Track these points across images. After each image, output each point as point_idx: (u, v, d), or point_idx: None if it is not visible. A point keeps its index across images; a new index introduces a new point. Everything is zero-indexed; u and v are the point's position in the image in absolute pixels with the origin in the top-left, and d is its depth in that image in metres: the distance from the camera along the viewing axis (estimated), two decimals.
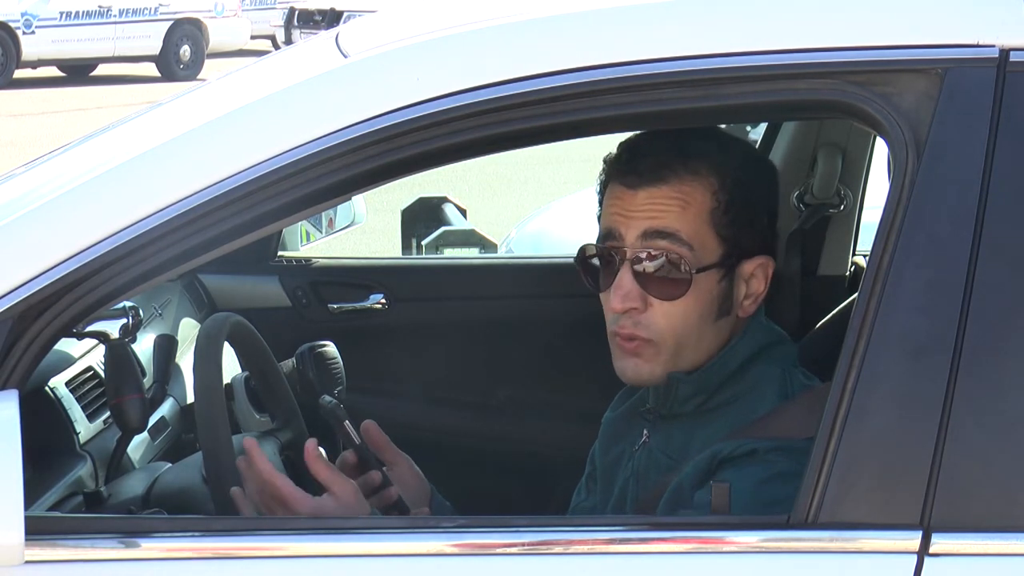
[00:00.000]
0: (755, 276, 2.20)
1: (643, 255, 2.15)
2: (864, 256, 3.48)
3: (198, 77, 19.51)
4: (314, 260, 3.96)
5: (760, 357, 2.20)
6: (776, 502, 1.98)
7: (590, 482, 2.41)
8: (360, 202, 4.35)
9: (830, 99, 1.90)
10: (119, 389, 2.62)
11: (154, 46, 20.36)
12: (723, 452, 2.08)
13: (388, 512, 2.26)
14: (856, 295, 1.99)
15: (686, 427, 2.19)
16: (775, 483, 2.02)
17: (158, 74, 20.24)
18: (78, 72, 20.05)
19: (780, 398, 2.16)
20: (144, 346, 3.05)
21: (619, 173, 2.19)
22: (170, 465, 2.70)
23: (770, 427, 2.10)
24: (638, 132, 2.24)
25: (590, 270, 2.23)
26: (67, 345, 2.85)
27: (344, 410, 2.30)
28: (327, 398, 2.33)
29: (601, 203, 2.25)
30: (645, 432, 2.27)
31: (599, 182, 2.26)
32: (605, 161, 2.24)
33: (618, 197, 2.19)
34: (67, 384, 2.82)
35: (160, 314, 3.35)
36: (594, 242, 2.23)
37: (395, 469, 2.32)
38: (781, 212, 2.22)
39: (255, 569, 1.87)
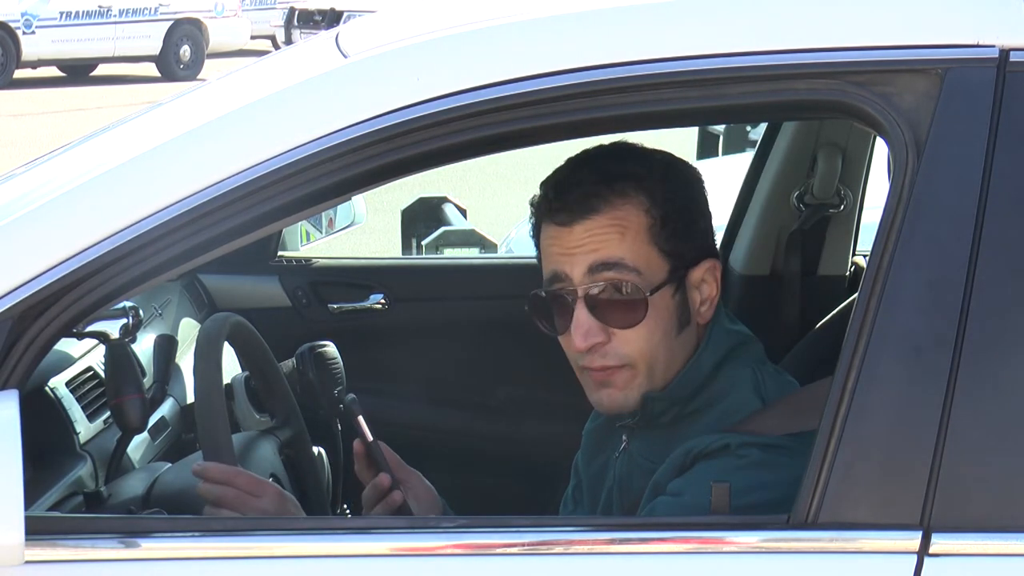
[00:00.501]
0: (705, 281, 2.19)
1: (594, 290, 2.13)
2: (864, 256, 3.48)
3: (198, 77, 19.51)
4: (314, 260, 3.96)
5: (728, 361, 2.20)
6: (750, 489, 1.99)
7: (576, 492, 2.41)
8: (360, 202, 4.35)
9: (830, 99, 1.90)
10: (119, 389, 2.62)
11: (154, 46, 20.36)
12: (697, 447, 2.09)
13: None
14: (856, 295, 1.99)
15: (664, 432, 2.20)
16: (748, 471, 2.03)
17: (158, 74, 20.24)
18: (78, 72, 20.05)
19: (755, 397, 2.16)
20: (144, 346, 3.05)
21: (549, 212, 2.18)
22: (170, 465, 2.70)
23: (747, 428, 2.11)
24: (558, 168, 2.23)
25: (544, 316, 2.21)
26: (67, 345, 2.85)
27: (360, 406, 2.31)
28: (351, 396, 2.35)
29: (537, 246, 2.23)
30: (624, 438, 2.27)
31: (530, 225, 2.24)
32: (532, 204, 2.23)
33: (554, 237, 2.17)
34: (67, 384, 2.82)
35: (160, 314, 3.35)
36: (541, 289, 2.20)
37: (408, 487, 2.33)
38: (781, 212, 2.23)
39: (255, 569, 1.87)
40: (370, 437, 2.30)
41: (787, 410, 2.10)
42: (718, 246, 2.52)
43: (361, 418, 2.30)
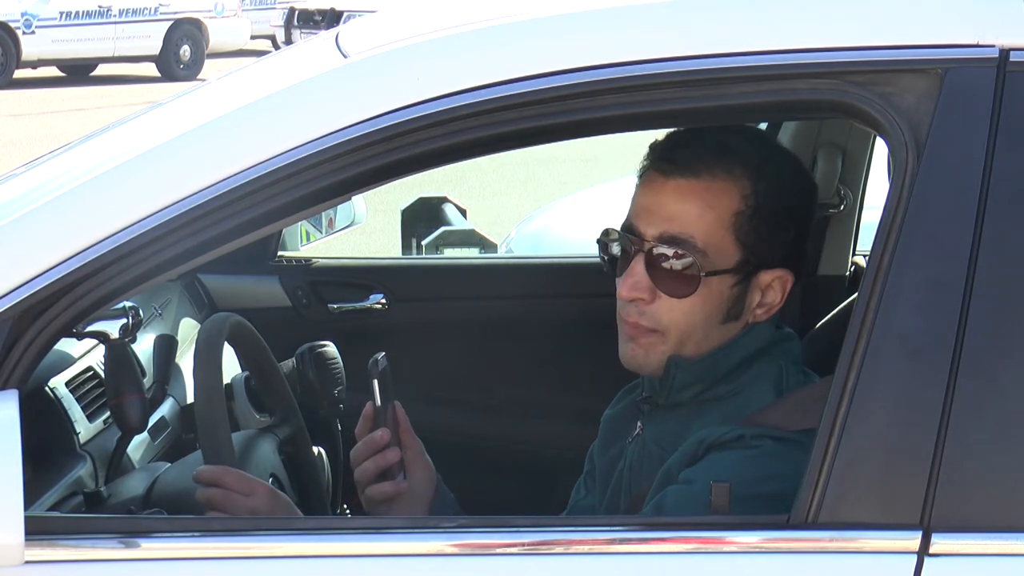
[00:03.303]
0: (772, 288, 2.19)
1: (656, 251, 2.16)
2: (864, 256, 3.48)
3: (198, 77, 19.52)
4: (314, 260, 3.96)
5: (762, 355, 2.20)
6: (761, 479, 1.99)
7: (588, 480, 2.42)
8: (360, 202, 4.35)
9: (830, 99, 1.90)
10: (119, 389, 2.62)
11: (154, 46, 20.36)
12: (711, 437, 2.10)
13: (384, 474, 2.28)
14: (856, 295, 1.99)
15: (680, 418, 2.20)
16: (760, 460, 2.03)
17: (158, 74, 20.24)
18: (78, 72, 20.05)
19: (774, 393, 2.16)
20: (144, 346, 3.05)
21: (656, 159, 2.20)
22: (170, 465, 2.70)
23: (760, 421, 2.11)
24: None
25: (609, 251, 2.24)
26: (67, 345, 2.84)
27: (382, 371, 2.30)
28: (381, 355, 2.33)
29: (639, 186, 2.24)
30: (639, 424, 2.28)
31: (641, 166, 2.25)
32: (649, 147, 2.24)
33: (649, 183, 2.19)
34: (67, 384, 2.81)
35: (160, 314, 3.35)
36: (619, 226, 2.23)
37: (407, 452, 2.34)
38: None
39: (255, 569, 1.87)
40: (377, 402, 2.30)
41: (799, 405, 2.10)
42: None
43: (375, 382, 2.30)
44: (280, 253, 3.94)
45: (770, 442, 2.06)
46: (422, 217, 5.42)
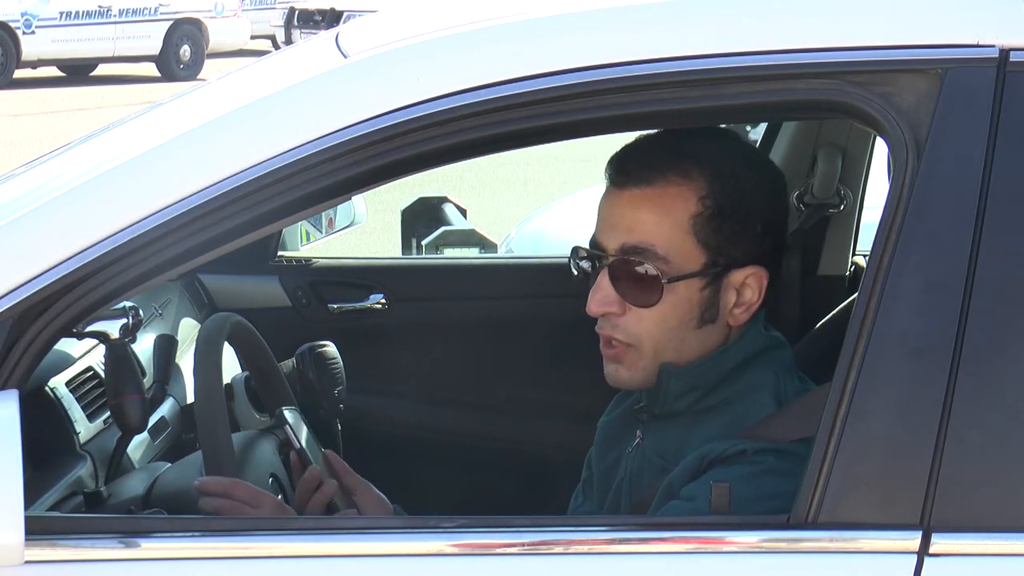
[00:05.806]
0: (747, 286, 2.17)
1: (618, 264, 2.16)
2: (864, 256, 3.48)
3: (198, 77, 19.53)
4: (314, 260, 3.96)
5: (754, 362, 2.19)
6: (763, 497, 1.98)
7: (586, 487, 2.41)
8: (360, 202, 4.35)
9: (830, 99, 1.90)
10: (119, 389, 2.62)
11: (154, 46, 20.37)
12: (713, 452, 2.09)
13: (325, 510, 2.37)
14: (856, 295, 1.99)
15: (679, 428, 2.20)
16: (762, 479, 2.02)
17: (158, 74, 20.24)
18: (78, 72, 20.05)
19: (774, 402, 2.16)
20: (144, 346, 3.05)
21: (612, 172, 2.20)
22: (170, 465, 2.70)
23: (761, 433, 2.10)
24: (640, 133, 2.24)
25: (580, 267, 2.25)
26: (67, 345, 2.85)
27: (293, 421, 2.47)
28: (283, 409, 2.51)
29: None
30: (638, 433, 2.27)
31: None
32: (608, 160, 2.25)
33: (606, 197, 2.20)
34: (67, 384, 2.81)
35: (160, 314, 3.35)
36: (586, 243, 2.23)
37: (356, 494, 2.39)
38: None
39: (255, 569, 1.87)
40: (297, 445, 2.43)
41: (799, 414, 2.09)
42: None
43: (288, 427, 2.43)
44: (280, 253, 3.94)
45: (772, 458, 2.05)
46: (422, 217, 5.43)
